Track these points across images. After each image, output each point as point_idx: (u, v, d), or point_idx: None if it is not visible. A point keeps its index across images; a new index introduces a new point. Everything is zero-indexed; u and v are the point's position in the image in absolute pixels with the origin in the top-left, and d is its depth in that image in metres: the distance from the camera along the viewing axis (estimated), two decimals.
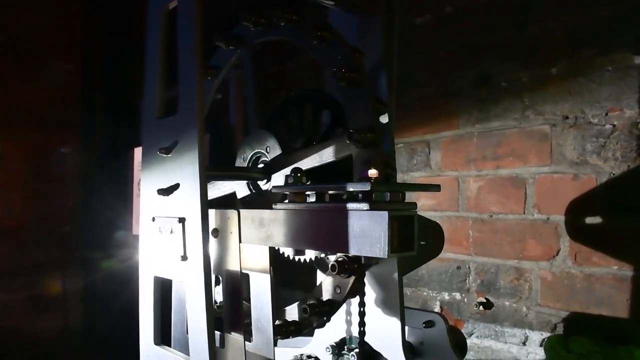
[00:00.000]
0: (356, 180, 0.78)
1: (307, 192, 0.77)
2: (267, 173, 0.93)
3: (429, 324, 1.01)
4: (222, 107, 1.18)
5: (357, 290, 0.86)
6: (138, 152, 2.13)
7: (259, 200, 0.95)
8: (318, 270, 0.95)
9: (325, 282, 0.87)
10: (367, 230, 0.68)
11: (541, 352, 1.30)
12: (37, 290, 2.20)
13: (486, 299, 1.36)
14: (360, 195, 0.71)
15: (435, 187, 0.80)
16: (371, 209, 0.68)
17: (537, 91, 1.31)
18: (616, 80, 1.20)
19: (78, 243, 2.27)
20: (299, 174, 0.80)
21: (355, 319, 0.93)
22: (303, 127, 0.94)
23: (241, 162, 0.99)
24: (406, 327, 0.90)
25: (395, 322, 0.92)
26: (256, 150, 0.96)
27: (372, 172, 0.73)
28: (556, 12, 1.28)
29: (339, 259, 0.82)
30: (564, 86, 1.26)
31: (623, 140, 1.19)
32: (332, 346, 0.93)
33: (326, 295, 0.86)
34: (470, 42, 1.44)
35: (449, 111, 1.48)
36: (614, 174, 1.21)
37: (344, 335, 0.97)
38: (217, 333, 0.83)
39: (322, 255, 0.87)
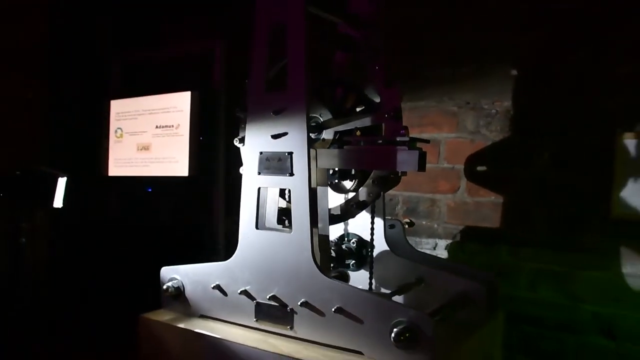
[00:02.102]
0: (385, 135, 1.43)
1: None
2: (320, 129, 1.53)
3: (392, 226, 1.72)
4: None
5: (377, 198, 1.52)
6: (114, 104, 2.53)
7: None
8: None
9: (362, 192, 1.51)
10: (408, 158, 1.33)
11: (446, 254, 2.07)
12: None
13: (410, 220, 2.10)
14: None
15: (427, 141, 1.48)
16: (409, 148, 1.34)
17: (451, 84, 2.05)
18: (500, 82, 1.97)
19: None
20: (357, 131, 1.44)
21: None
22: (340, 103, 1.56)
23: None
24: None
25: (380, 223, 1.62)
26: (312, 115, 1.55)
27: (403, 132, 1.39)
28: (472, 31, 2.02)
29: (381, 175, 1.46)
30: (469, 82, 2.02)
31: (501, 120, 1.98)
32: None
33: (362, 198, 1.51)
34: (408, 43, 2.13)
35: None
36: (495, 140, 1.99)
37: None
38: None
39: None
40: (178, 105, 2.30)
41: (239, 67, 2.31)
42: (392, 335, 1.21)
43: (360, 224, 1.65)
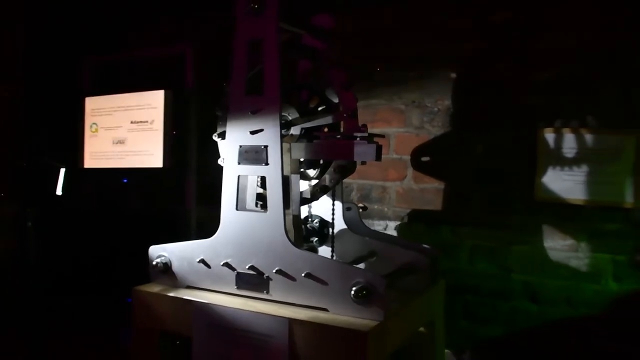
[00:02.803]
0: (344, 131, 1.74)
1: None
2: (289, 126, 1.82)
3: (349, 209, 2.04)
4: None
5: (337, 184, 1.83)
6: (89, 101, 2.77)
7: None
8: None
9: (325, 178, 1.82)
10: (367, 150, 1.65)
11: (395, 233, 2.41)
12: None
13: (364, 204, 2.42)
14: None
15: (382, 136, 1.80)
16: (369, 142, 1.66)
17: (400, 85, 2.38)
18: (441, 84, 2.32)
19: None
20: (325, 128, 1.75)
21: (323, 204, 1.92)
22: (305, 104, 1.87)
23: None
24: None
25: (339, 206, 1.94)
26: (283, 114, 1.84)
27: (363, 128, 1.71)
28: (418, 41, 2.35)
29: (341, 164, 1.77)
30: (416, 84, 2.35)
31: (442, 117, 2.32)
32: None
33: (325, 183, 1.82)
34: (364, 52, 2.44)
35: None
36: (437, 134, 2.34)
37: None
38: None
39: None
40: (152, 103, 2.55)
41: (208, 69, 2.60)
42: (352, 293, 1.53)
43: (322, 207, 1.96)
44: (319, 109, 1.87)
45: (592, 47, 2.06)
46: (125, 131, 2.65)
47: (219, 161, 1.84)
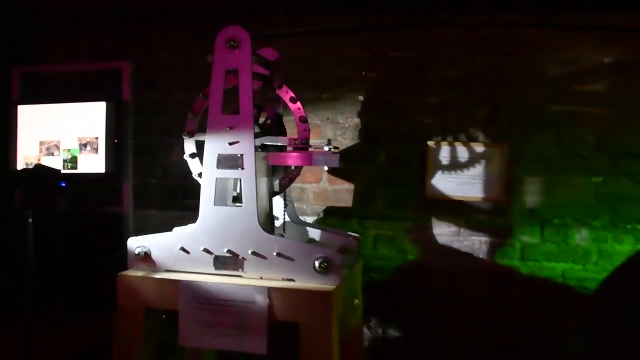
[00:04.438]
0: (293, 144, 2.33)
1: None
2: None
3: (286, 205, 2.63)
4: None
5: (288, 186, 2.41)
6: (21, 108, 3.06)
7: None
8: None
9: (278, 182, 2.39)
10: (332, 159, 2.24)
11: None
12: None
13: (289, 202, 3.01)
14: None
15: (337, 148, 2.41)
16: (334, 153, 2.26)
17: (317, 104, 3.01)
18: (352, 104, 2.98)
19: None
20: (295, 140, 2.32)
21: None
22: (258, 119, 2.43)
23: None
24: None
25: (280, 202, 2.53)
26: None
27: (322, 143, 2.31)
28: (332, 68, 2.99)
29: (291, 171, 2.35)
30: (329, 104, 3.00)
31: (352, 131, 2.99)
32: None
33: (277, 187, 2.39)
34: (289, 75, 3.03)
35: None
36: (348, 145, 3.00)
37: None
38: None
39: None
40: (95, 113, 2.94)
41: (143, 82, 3.05)
42: (315, 265, 2.12)
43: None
44: (268, 121, 2.45)
45: (471, 80, 2.85)
46: (68, 138, 3.00)
47: (194, 175, 2.34)
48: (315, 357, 2.07)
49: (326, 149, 2.29)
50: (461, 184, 2.86)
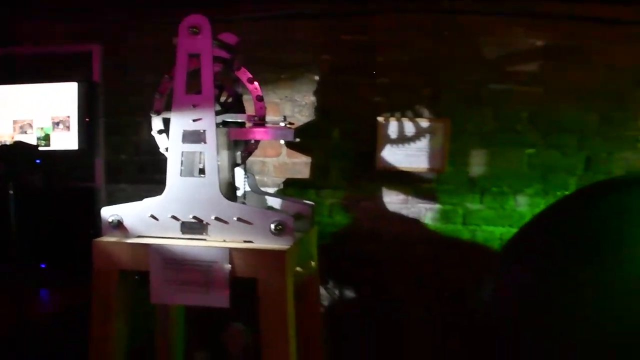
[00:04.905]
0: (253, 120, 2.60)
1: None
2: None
3: (247, 177, 2.90)
4: None
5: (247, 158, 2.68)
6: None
7: None
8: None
9: (239, 155, 2.66)
10: (288, 133, 2.52)
11: None
12: None
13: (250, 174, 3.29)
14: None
15: (292, 123, 2.68)
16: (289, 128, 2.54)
17: (276, 84, 3.28)
18: (308, 84, 3.26)
19: None
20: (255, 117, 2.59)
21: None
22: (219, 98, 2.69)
23: None
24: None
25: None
26: None
27: (279, 119, 2.58)
28: (289, 50, 3.25)
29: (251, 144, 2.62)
30: (288, 84, 3.27)
31: (309, 109, 3.27)
32: None
33: (239, 160, 2.66)
34: (249, 57, 3.29)
35: None
36: (305, 121, 3.28)
37: None
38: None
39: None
40: (67, 93, 3.17)
41: (113, 65, 3.29)
42: (271, 228, 2.40)
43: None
44: (229, 100, 2.72)
45: (417, 62, 3.14)
46: (42, 118, 3.23)
47: (162, 150, 2.60)
48: (271, 309, 2.36)
49: (282, 124, 2.56)
50: (408, 156, 3.16)
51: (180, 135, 2.48)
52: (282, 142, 3.19)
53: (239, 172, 2.75)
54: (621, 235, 2.10)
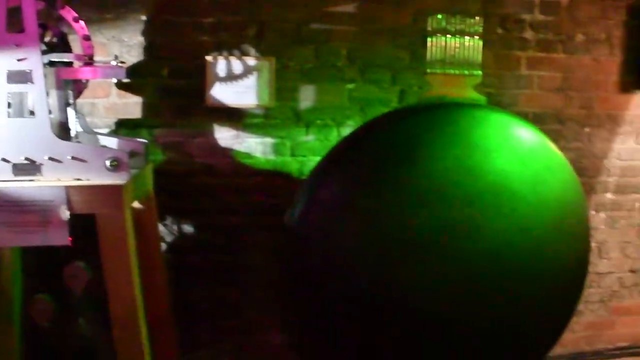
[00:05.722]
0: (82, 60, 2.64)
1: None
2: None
3: (78, 117, 2.94)
4: None
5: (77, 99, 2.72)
6: None
7: None
8: None
9: (70, 94, 2.69)
10: (116, 71, 2.60)
11: None
12: None
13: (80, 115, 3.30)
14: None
15: (123, 62, 2.74)
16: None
17: (102, 24, 3.28)
18: (135, 24, 3.30)
19: None
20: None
21: None
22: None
23: None
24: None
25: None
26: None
27: (109, 59, 2.63)
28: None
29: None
30: (114, 23, 3.28)
31: (137, 49, 3.32)
32: None
33: (71, 99, 2.70)
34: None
35: None
36: (134, 62, 3.33)
37: None
38: None
39: None
40: None
41: None
42: (106, 165, 2.50)
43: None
44: (54, 40, 2.73)
45: (239, 2, 3.31)
46: None
47: None
48: (112, 243, 2.50)
49: (113, 63, 2.64)
50: (237, 93, 3.35)
51: (4, 76, 2.47)
52: (113, 81, 3.23)
53: (71, 112, 2.78)
54: (414, 154, 2.49)
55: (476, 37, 2.73)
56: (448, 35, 2.73)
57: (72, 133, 2.80)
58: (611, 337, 4.26)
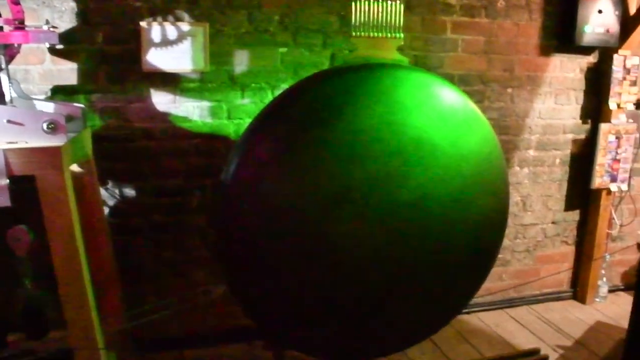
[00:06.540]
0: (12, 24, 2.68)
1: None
2: None
3: (12, 83, 2.98)
4: None
5: (8, 64, 2.77)
6: None
7: None
8: None
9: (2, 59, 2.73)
10: (49, 36, 2.65)
11: None
12: None
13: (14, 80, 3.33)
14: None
15: (56, 27, 2.78)
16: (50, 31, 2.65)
17: None
18: None
19: None
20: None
21: None
22: None
23: None
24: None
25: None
26: None
27: (39, 24, 2.68)
28: None
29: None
30: None
31: (69, 14, 3.36)
32: None
33: (3, 64, 2.74)
34: None
35: None
36: (67, 28, 3.36)
37: None
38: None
39: None
40: None
41: None
42: (44, 127, 2.57)
43: None
44: None
45: None
46: None
47: None
48: (53, 204, 2.58)
49: (45, 27, 2.69)
50: (173, 58, 3.43)
51: None
52: (46, 46, 3.26)
53: (4, 77, 2.82)
54: (340, 112, 2.65)
55: (398, 1, 2.87)
56: (372, 0, 2.86)
57: (7, 98, 2.85)
58: (537, 284, 4.56)
